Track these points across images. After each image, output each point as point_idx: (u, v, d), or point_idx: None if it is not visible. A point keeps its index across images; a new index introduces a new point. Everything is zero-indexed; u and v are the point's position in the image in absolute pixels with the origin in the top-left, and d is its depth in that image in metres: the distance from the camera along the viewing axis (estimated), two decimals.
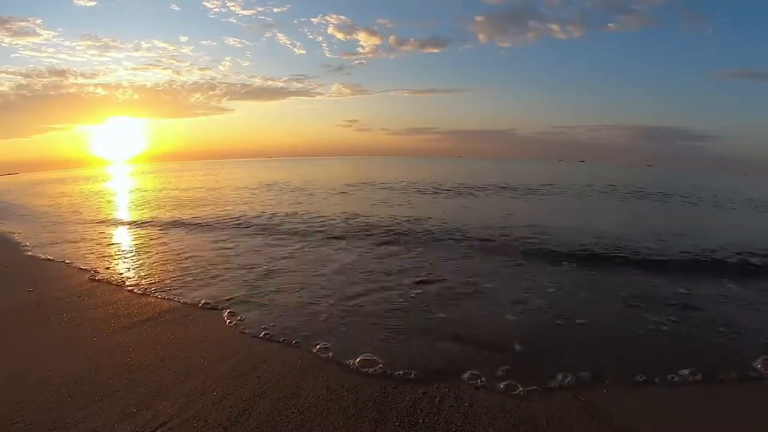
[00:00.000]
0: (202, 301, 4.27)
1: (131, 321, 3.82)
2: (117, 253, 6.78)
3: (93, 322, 3.81)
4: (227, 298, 4.39)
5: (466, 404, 2.50)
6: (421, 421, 2.34)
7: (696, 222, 10.80)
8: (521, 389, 2.66)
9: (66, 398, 2.56)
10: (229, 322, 3.77)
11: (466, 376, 2.82)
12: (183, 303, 4.26)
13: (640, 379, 2.81)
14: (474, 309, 4.06)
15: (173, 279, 5.12)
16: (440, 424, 2.32)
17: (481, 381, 2.76)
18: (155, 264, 5.93)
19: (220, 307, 4.10)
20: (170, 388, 2.68)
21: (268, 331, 3.53)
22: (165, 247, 7.11)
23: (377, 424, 2.31)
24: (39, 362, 3.07)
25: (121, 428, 2.26)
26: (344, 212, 10.30)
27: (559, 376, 2.80)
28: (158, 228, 9.06)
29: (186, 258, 6.20)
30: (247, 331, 3.58)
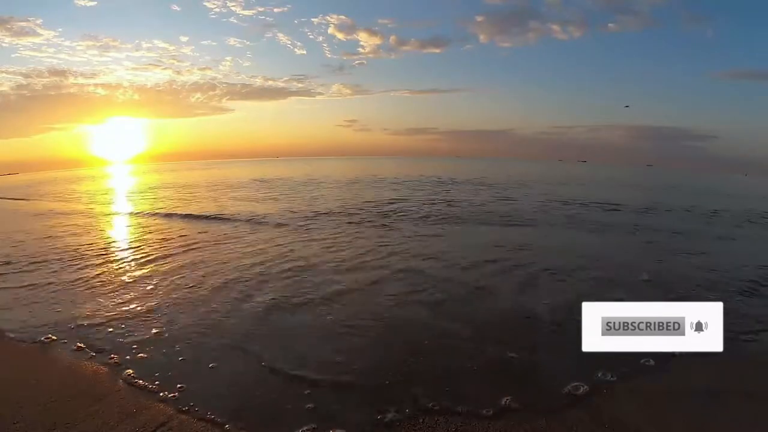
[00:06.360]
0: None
1: None
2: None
3: None
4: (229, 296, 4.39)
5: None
6: (421, 420, 2.34)
7: None
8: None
9: (66, 398, 2.56)
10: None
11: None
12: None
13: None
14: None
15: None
16: (440, 423, 2.31)
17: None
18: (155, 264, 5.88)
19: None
20: None
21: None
22: (169, 242, 7.04)
23: None
24: (39, 362, 3.06)
25: (121, 428, 2.26)
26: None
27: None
28: (163, 222, 9.00)
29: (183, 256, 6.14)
30: None
